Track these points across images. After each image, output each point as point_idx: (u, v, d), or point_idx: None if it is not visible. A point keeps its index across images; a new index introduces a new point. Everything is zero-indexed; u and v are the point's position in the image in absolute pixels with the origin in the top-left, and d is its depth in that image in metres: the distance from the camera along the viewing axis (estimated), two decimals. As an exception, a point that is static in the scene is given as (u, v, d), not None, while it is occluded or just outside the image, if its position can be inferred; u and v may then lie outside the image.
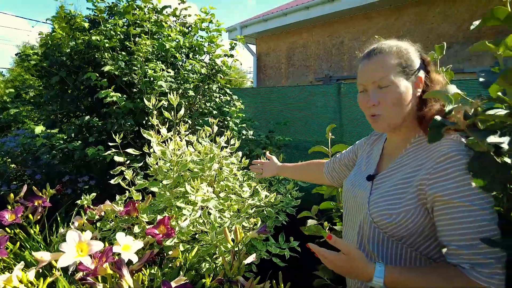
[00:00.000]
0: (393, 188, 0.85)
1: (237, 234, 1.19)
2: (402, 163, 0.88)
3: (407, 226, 0.81)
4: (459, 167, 0.74)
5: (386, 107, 0.86)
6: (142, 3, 2.84)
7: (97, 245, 0.94)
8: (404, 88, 0.85)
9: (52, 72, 2.61)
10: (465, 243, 0.72)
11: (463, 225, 0.72)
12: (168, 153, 1.66)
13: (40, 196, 1.68)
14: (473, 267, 0.71)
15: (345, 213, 1.05)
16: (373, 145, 1.09)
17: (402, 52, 0.87)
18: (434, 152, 0.79)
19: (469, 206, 0.71)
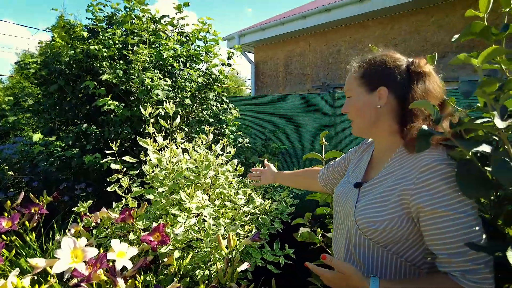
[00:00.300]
0: (379, 197, 0.87)
1: (230, 241, 1.20)
2: (388, 172, 0.89)
3: (390, 233, 0.82)
4: (441, 176, 0.75)
5: (351, 115, 0.98)
6: (141, 13, 2.89)
7: (91, 252, 0.96)
8: (360, 100, 0.93)
9: (51, 80, 2.65)
10: (454, 251, 0.74)
11: (450, 234, 0.74)
12: (164, 160, 1.69)
13: (37, 203, 1.69)
14: (463, 274, 0.73)
15: (334, 220, 1.07)
16: (363, 153, 1.11)
17: (366, 68, 0.93)
18: (417, 162, 0.81)
19: (454, 214, 0.73)
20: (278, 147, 2.79)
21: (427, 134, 0.71)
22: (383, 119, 0.91)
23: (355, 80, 0.95)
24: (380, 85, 0.90)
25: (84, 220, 1.59)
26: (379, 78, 0.90)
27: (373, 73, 0.92)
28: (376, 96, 0.90)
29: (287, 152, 3.12)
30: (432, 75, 0.89)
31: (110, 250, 1.08)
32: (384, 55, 0.93)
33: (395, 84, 0.89)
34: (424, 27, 5.46)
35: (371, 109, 0.91)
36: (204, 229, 1.49)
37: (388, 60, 0.91)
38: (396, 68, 0.89)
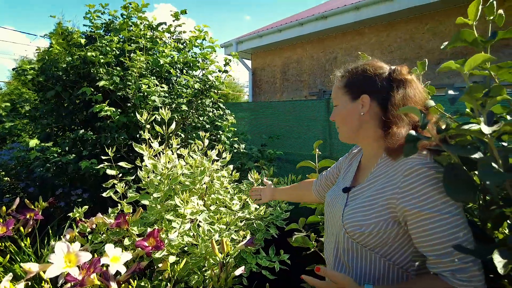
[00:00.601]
0: (366, 201, 0.89)
1: (223, 246, 1.21)
2: (374, 177, 0.92)
3: (377, 236, 0.84)
4: (425, 179, 0.77)
5: (338, 123, 1.02)
6: (138, 20, 2.92)
7: (85, 256, 0.97)
8: (345, 108, 0.97)
9: (48, 87, 2.66)
10: (443, 252, 0.75)
11: (437, 235, 0.75)
12: (159, 166, 1.70)
13: (32, 209, 1.69)
14: (453, 274, 0.74)
15: (325, 225, 1.08)
16: (352, 160, 1.14)
17: (348, 78, 0.98)
18: (401, 166, 0.83)
19: (439, 215, 0.75)
20: (274, 153, 2.80)
21: (414, 139, 0.72)
22: (367, 125, 0.95)
23: (339, 89, 1.00)
24: (362, 93, 0.93)
25: (79, 226, 1.59)
26: (361, 87, 0.94)
27: (355, 82, 0.96)
28: (359, 104, 0.94)
29: (283, 157, 3.14)
30: (413, 82, 0.91)
31: (104, 255, 1.08)
32: (366, 64, 0.97)
33: (376, 92, 0.92)
34: (419, 34, 5.52)
35: (355, 116, 0.95)
36: (198, 235, 1.50)
37: (369, 68, 0.94)
38: (377, 76, 0.93)
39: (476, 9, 0.76)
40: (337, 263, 0.96)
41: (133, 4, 2.83)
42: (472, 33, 0.75)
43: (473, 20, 0.78)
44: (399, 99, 0.88)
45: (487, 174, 0.61)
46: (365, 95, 0.93)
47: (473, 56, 0.67)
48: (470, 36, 0.73)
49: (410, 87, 0.89)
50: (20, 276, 1.41)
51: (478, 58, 0.67)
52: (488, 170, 0.62)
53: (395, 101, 0.88)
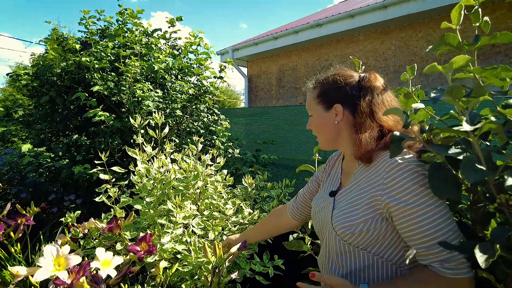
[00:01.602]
0: (351, 201, 0.92)
1: (216, 250, 1.20)
2: (357, 178, 0.94)
3: (367, 235, 0.86)
4: (407, 173, 0.79)
5: (315, 132, 1.06)
6: (133, 26, 2.94)
7: (75, 259, 0.96)
8: (320, 117, 1.01)
9: (43, 92, 2.66)
10: (430, 244, 0.77)
11: (423, 228, 0.77)
12: (153, 171, 1.69)
13: (24, 214, 1.67)
14: (442, 263, 0.76)
15: (316, 231, 1.10)
16: (333, 166, 1.17)
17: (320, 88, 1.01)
18: (383, 163, 0.85)
19: (424, 208, 0.76)
20: (268, 158, 2.81)
21: (398, 139, 0.74)
22: (343, 132, 0.99)
23: (312, 100, 1.03)
24: (335, 102, 0.97)
25: (71, 231, 1.58)
26: (333, 96, 0.98)
27: (326, 92, 1.00)
28: (333, 113, 0.98)
29: (277, 163, 3.14)
30: (383, 88, 0.95)
31: (95, 259, 1.07)
32: (336, 74, 1.00)
33: (347, 100, 0.96)
34: (413, 41, 5.60)
35: (330, 125, 0.99)
36: (192, 243, 1.48)
37: (339, 78, 0.98)
38: (347, 85, 0.96)
39: (459, 14, 0.78)
40: (330, 265, 0.96)
41: (128, 11, 2.85)
42: (456, 37, 0.77)
43: (456, 25, 0.80)
44: (365, 106, 0.92)
45: (469, 172, 0.62)
46: (338, 104, 0.97)
47: (455, 58, 0.69)
48: (454, 40, 0.75)
49: (379, 93, 0.93)
50: (9, 283, 1.39)
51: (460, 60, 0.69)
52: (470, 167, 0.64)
53: (361, 108, 0.92)
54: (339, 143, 1.02)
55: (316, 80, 1.05)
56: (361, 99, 0.92)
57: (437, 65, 0.73)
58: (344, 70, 1.01)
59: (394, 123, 0.90)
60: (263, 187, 2.15)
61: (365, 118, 0.90)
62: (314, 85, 1.05)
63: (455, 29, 0.81)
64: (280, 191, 2.06)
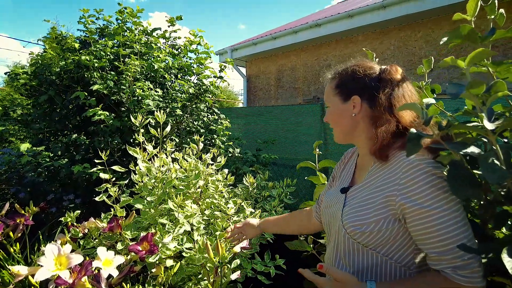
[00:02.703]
0: (365, 199, 0.89)
1: (218, 249, 1.19)
2: (372, 175, 0.91)
3: (378, 235, 0.83)
4: (424, 175, 0.76)
5: (331, 124, 1.02)
6: (133, 26, 2.92)
7: (76, 259, 0.94)
8: (338, 109, 0.98)
9: (41, 91, 2.63)
10: (444, 249, 0.75)
11: (438, 232, 0.75)
12: (153, 170, 1.68)
13: (23, 214, 1.65)
14: (455, 270, 0.74)
15: (327, 230, 1.07)
16: (348, 161, 1.14)
17: (338, 79, 0.99)
18: (399, 162, 0.82)
19: (440, 212, 0.74)
20: (269, 157, 2.79)
21: (416, 137, 0.70)
22: (360, 125, 0.95)
23: (330, 91, 1.01)
24: (353, 94, 0.94)
25: (71, 231, 1.56)
26: (351, 88, 0.95)
27: (345, 83, 0.97)
28: (351, 105, 0.95)
29: (278, 162, 3.13)
30: (404, 82, 0.92)
31: (96, 258, 1.06)
32: (356, 65, 0.97)
33: (366, 92, 0.93)
34: (412, 42, 5.61)
35: (347, 117, 0.96)
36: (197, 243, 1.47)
37: (358, 69, 0.95)
38: (366, 76, 0.93)
39: (476, 5, 0.75)
40: (337, 264, 0.94)
41: (128, 10, 2.83)
42: (471, 29, 0.74)
43: (471, 16, 0.76)
44: (383, 99, 0.88)
45: (489, 172, 0.60)
46: (356, 96, 0.93)
47: (475, 51, 0.66)
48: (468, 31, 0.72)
49: (399, 86, 0.90)
50: (8, 283, 1.37)
51: (480, 53, 0.65)
52: (489, 166, 0.61)
53: (380, 101, 0.89)
54: (355, 137, 0.98)
55: (335, 71, 1.02)
56: (380, 92, 0.89)
57: (453, 58, 0.71)
58: (364, 61, 0.99)
59: (411, 119, 0.87)
60: (264, 186, 2.14)
61: (383, 111, 0.88)
62: (332, 75, 1.02)
63: (470, 20, 0.78)
64: (281, 190, 2.05)
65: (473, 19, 0.77)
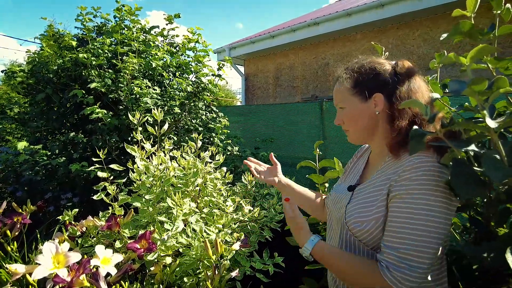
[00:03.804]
0: (367, 197, 0.89)
1: (217, 247, 1.19)
2: (380, 173, 0.90)
3: (378, 234, 0.83)
4: (424, 177, 0.75)
5: (347, 125, 0.97)
6: (131, 23, 2.90)
7: (74, 257, 0.94)
8: (357, 109, 0.93)
9: (38, 89, 2.62)
10: (390, 239, 0.77)
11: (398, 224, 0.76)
12: (152, 168, 1.67)
13: (20, 212, 1.64)
14: (387, 267, 0.76)
15: (328, 222, 1.07)
16: (359, 158, 1.12)
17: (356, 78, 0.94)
18: (405, 161, 0.81)
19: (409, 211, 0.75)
20: (268, 155, 2.79)
21: (419, 134, 0.69)
22: (380, 123, 0.93)
23: (347, 91, 0.95)
24: (374, 92, 0.91)
25: (69, 229, 1.55)
26: (372, 85, 0.91)
27: (365, 81, 0.92)
28: (372, 103, 0.91)
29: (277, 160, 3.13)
30: (417, 75, 0.91)
31: (95, 256, 1.05)
32: (371, 61, 0.95)
33: (386, 88, 0.90)
34: (410, 40, 5.61)
35: (368, 116, 0.92)
36: (194, 236, 1.47)
37: (376, 66, 0.92)
38: (384, 72, 0.91)
39: (476, 1, 0.74)
40: None
41: (126, 7, 2.82)
42: (472, 25, 0.73)
43: (471, 12, 0.75)
44: (404, 92, 0.87)
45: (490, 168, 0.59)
46: (378, 94, 0.90)
47: (477, 47, 0.65)
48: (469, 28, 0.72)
49: (414, 80, 0.89)
50: (5, 282, 1.36)
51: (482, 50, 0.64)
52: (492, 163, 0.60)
53: (401, 95, 0.87)
54: (374, 136, 0.95)
55: (350, 69, 0.96)
56: (400, 86, 0.87)
57: (455, 55, 0.70)
58: (374, 57, 0.96)
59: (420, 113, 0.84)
60: (262, 184, 2.13)
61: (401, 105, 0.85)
62: (349, 74, 0.96)
63: (470, 16, 0.77)
64: (280, 188, 2.03)
65: (473, 15, 0.76)
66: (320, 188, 1.55)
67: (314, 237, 0.88)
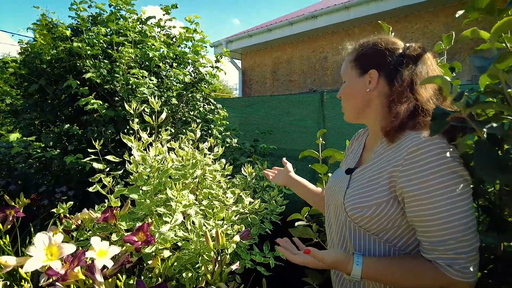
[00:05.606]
0: (367, 181, 0.84)
1: (218, 238, 1.15)
2: (377, 156, 0.87)
3: (380, 220, 0.79)
4: (432, 158, 0.71)
5: (343, 99, 0.96)
6: (127, 13, 2.83)
7: (69, 248, 0.89)
8: (353, 83, 0.91)
9: (32, 80, 2.54)
10: (437, 239, 0.71)
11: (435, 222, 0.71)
12: (149, 159, 1.62)
13: (13, 205, 1.59)
14: (447, 262, 0.71)
15: (326, 211, 1.03)
16: (356, 140, 1.09)
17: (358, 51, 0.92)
18: (407, 142, 0.77)
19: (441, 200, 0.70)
20: (267, 148, 2.75)
21: (443, 113, 0.64)
22: (373, 103, 0.89)
23: (348, 63, 0.94)
24: (371, 68, 0.88)
25: (63, 222, 1.50)
26: (369, 61, 0.89)
27: (364, 56, 0.90)
28: (367, 79, 0.88)
29: (276, 153, 3.08)
30: (428, 60, 0.86)
31: (90, 249, 1.00)
32: (379, 38, 0.91)
33: (386, 67, 0.86)
34: (409, 33, 5.57)
35: (361, 92, 0.90)
36: (193, 230, 1.43)
37: (380, 42, 0.89)
38: (387, 50, 0.87)
39: None
40: (343, 247, 0.90)
41: (121, -4, 2.74)
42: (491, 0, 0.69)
43: None
44: (407, 75, 0.82)
45: None
46: (373, 70, 0.87)
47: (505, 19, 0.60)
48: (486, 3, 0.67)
49: (423, 64, 0.84)
50: (-2, 277, 1.31)
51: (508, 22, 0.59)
52: None
53: (403, 77, 0.82)
54: (366, 115, 0.92)
55: (357, 43, 0.95)
56: (404, 68, 0.83)
57: (476, 29, 0.66)
58: (389, 37, 0.92)
59: (427, 98, 0.81)
60: (262, 176, 2.09)
61: (405, 88, 0.82)
62: (353, 46, 0.95)
63: None
64: (281, 180, 1.99)
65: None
66: (323, 179, 1.51)
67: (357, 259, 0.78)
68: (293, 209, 1.75)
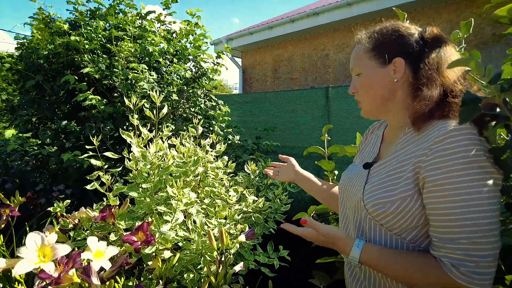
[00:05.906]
0: (389, 175, 0.78)
1: (222, 238, 1.09)
2: (400, 148, 0.81)
3: (404, 217, 0.73)
4: (460, 148, 0.65)
5: (361, 93, 0.88)
6: (126, 7, 2.77)
7: (63, 249, 0.83)
8: (373, 74, 0.84)
9: (28, 76, 2.48)
10: (447, 236, 0.66)
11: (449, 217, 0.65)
12: (149, 155, 1.56)
13: (8, 204, 1.53)
14: (452, 262, 0.65)
15: (340, 209, 0.96)
16: (371, 133, 1.04)
17: (377, 39, 0.84)
18: (433, 131, 0.72)
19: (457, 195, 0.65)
20: (270, 145, 2.68)
21: (474, 99, 0.58)
22: (399, 94, 0.83)
23: (365, 53, 0.86)
24: (395, 56, 0.81)
25: (60, 222, 1.44)
26: (393, 48, 0.81)
27: (386, 43, 0.83)
28: (391, 69, 0.81)
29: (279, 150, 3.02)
30: (448, 43, 0.80)
31: (87, 249, 0.95)
32: (396, 23, 0.85)
33: (410, 54, 0.80)
34: (412, 31, 5.51)
35: (385, 84, 0.83)
36: (194, 230, 1.37)
37: (401, 27, 0.83)
38: (409, 35, 0.81)
39: None
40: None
41: (120, -10, 2.68)
42: None
43: None
44: (433, 57, 0.76)
45: None
46: (399, 58, 0.80)
47: None
48: None
49: (444, 47, 0.78)
50: (-9, 278, 1.25)
51: None
52: None
53: (429, 60, 0.76)
54: (389, 108, 0.86)
55: (371, 30, 0.88)
56: (428, 52, 0.77)
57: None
58: (401, 22, 0.87)
59: (454, 80, 0.76)
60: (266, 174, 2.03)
61: (434, 71, 0.76)
62: (369, 34, 0.87)
63: None
64: (285, 178, 1.93)
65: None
66: (329, 176, 1.45)
67: (358, 242, 0.75)
68: (298, 208, 1.69)
